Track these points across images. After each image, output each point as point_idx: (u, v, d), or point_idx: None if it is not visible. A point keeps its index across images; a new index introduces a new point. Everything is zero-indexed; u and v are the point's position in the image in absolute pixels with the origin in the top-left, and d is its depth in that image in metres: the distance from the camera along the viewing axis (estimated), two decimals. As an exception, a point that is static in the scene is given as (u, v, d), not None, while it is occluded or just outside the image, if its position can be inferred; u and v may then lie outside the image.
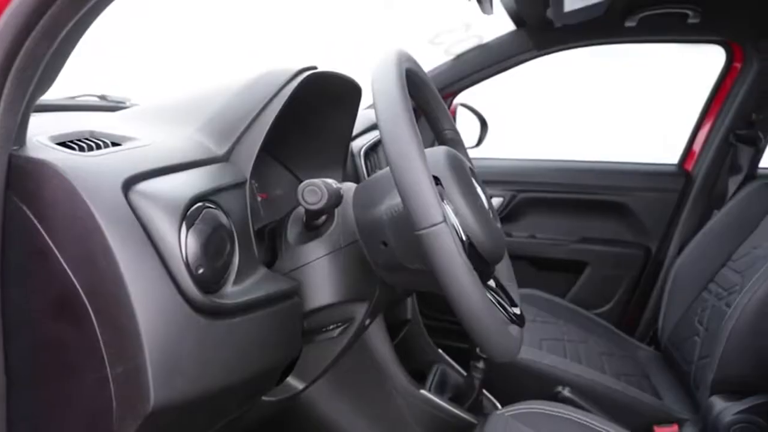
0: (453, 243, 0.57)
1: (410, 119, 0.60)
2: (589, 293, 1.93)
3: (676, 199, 1.87)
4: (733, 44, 1.77)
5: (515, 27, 1.79)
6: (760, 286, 1.20)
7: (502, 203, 1.94)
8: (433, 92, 0.88)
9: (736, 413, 1.21)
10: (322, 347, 0.80)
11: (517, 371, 1.34)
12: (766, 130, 1.77)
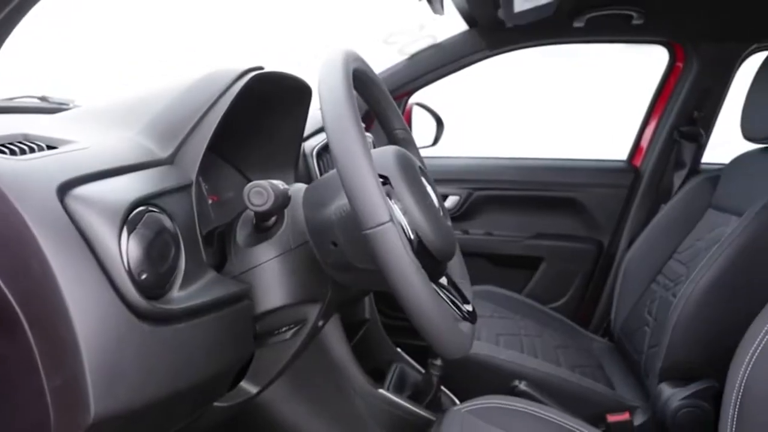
0: (400, 242, 0.57)
1: (356, 119, 0.60)
2: (544, 288, 1.97)
3: (626, 194, 1.93)
4: (675, 45, 1.84)
5: (468, 27, 1.82)
6: (702, 276, 1.25)
7: (459, 201, 1.97)
8: (383, 92, 0.89)
9: (682, 398, 1.26)
10: (275, 350, 0.79)
11: (474, 367, 1.35)
12: (707, 127, 1.85)
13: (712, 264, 1.25)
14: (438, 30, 1.82)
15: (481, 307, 1.67)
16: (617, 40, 1.85)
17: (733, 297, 1.21)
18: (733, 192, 1.48)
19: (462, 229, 2.00)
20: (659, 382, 1.33)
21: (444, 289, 0.77)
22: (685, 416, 1.26)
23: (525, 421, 1.02)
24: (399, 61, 1.85)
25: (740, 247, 1.21)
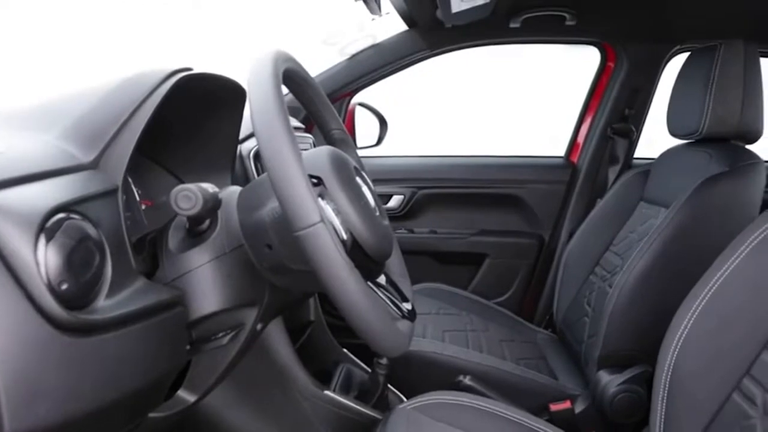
0: (331, 242, 0.57)
1: (284, 120, 0.60)
2: (489, 283, 2.01)
3: (564, 189, 1.99)
4: (606, 45, 1.92)
5: (407, 27, 1.83)
6: (634, 267, 1.31)
7: (403, 200, 1.98)
8: (318, 92, 0.88)
9: (619, 384, 1.31)
10: (212, 356, 0.78)
11: (420, 364, 1.37)
12: (638, 123, 1.93)
13: (643, 255, 1.30)
14: (378, 30, 1.83)
15: (427, 304, 1.69)
16: (552, 41, 1.91)
17: (662, 285, 1.27)
18: (661, 185, 1.54)
19: (407, 228, 2.02)
20: (598, 369, 1.38)
21: (382, 289, 0.77)
22: (622, 401, 1.31)
23: (469, 415, 1.03)
24: (340, 61, 1.85)
25: (667, 238, 1.27)
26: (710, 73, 1.36)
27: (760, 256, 0.90)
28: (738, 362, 0.90)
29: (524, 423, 1.04)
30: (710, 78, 1.36)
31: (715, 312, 0.93)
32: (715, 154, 1.37)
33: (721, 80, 1.35)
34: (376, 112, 2.03)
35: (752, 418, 0.85)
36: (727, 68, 1.35)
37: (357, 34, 1.80)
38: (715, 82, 1.35)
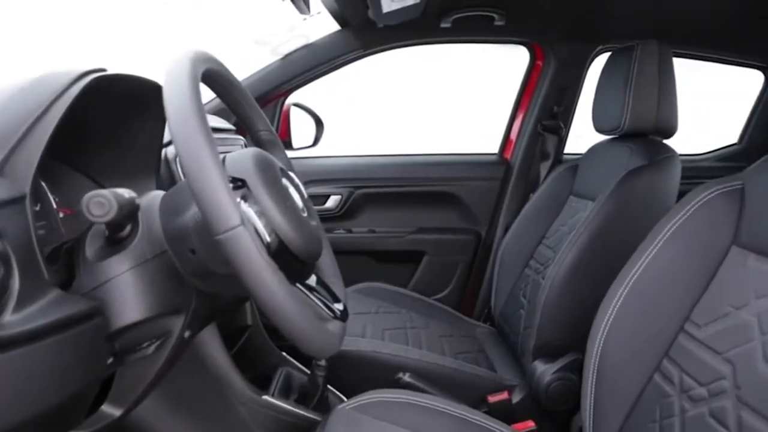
0: (253, 245, 0.56)
1: (201, 122, 0.58)
2: (428, 280, 2.04)
3: (499, 185, 2.04)
4: (534, 45, 1.97)
5: (340, 27, 1.83)
6: (565, 259, 1.35)
7: (340, 200, 1.97)
8: (243, 93, 0.86)
9: (553, 372, 1.36)
10: (137, 367, 0.75)
11: (360, 363, 1.37)
12: (566, 120, 2.00)
13: (572, 247, 1.35)
14: (310, 30, 1.81)
15: (367, 303, 1.69)
16: (482, 40, 1.94)
17: (591, 276, 1.32)
18: (588, 179, 1.61)
19: (345, 228, 2.01)
20: (533, 360, 1.42)
21: (312, 290, 0.77)
22: (556, 388, 1.36)
23: (407, 412, 1.04)
24: (272, 61, 1.82)
25: (594, 230, 1.33)
26: (629, 72, 1.42)
27: (675, 245, 0.95)
28: (658, 345, 0.95)
29: (462, 416, 1.06)
30: (629, 77, 1.42)
31: (637, 299, 0.97)
32: (636, 149, 1.44)
33: (638, 79, 1.41)
34: (311, 112, 2.01)
35: (671, 396, 0.90)
36: (643, 67, 1.41)
37: (289, 33, 1.78)
38: (633, 80, 1.42)
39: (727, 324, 0.86)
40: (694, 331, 0.91)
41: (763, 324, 0.80)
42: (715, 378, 0.83)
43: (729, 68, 2.13)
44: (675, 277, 0.95)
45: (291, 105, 1.96)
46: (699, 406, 0.84)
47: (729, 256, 0.91)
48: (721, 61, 2.07)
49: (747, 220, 0.90)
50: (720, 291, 0.90)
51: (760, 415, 0.74)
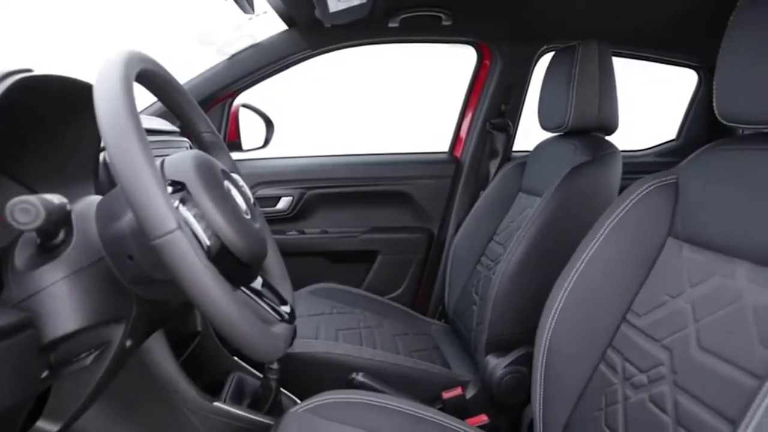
0: (190, 249, 0.54)
1: (134, 123, 0.56)
2: (382, 280, 2.04)
3: (450, 183, 2.06)
4: (482, 45, 2.00)
5: (287, 27, 1.81)
6: (514, 254, 1.38)
7: (292, 202, 1.96)
8: (184, 94, 0.84)
9: (505, 366, 1.38)
10: (75, 380, 0.71)
11: (313, 365, 1.36)
12: (514, 118, 2.04)
13: (520, 242, 1.37)
14: (257, 30, 1.79)
15: (321, 304, 1.68)
16: (430, 40, 1.96)
17: (538, 270, 1.35)
18: (535, 176, 1.64)
19: (297, 230, 2.00)
20: (486, 354, 1.44)
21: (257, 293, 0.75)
22: (508, 382, 1.38)
23: (360, 412, 1.04)
24: (219, 62, 1.79)
25: (540, 225, 1.36)
26: (571, 72, 1.46)
27: (616, 238, 0.98)
28: (602, 336, 0.98)
29: (415, 413, 1.06)
30: (571, 76, 1.46)
31: (582, 292, 1.00)
32: (580, 146, 1.47)
33: (580, 78, 1.45)
34: (261, 113, 1.99)
35: (614, 384, 0.93)
36: (584, 67, 1.46)
37: (235, 33, 1.75)
38: (576, 79, 1.46)
39: (664, 312, 0.89)
40: (635, 320, 0.94)
41: (696, 311, 0.83)
42: (654, 365, 0.86)
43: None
44: (616, 269, 0.98)
45: (239, 106, 1.93)
46: (640, 393, 0.87)
47: (666, 248, 0.95)
48: (658, 60, 2.15)
49: (681, 212, 0.94)
50: (658, 281, 0.94)
51: (694, 398, 0.77)
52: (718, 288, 0.82)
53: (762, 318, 0.72)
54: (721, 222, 0.85)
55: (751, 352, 0.71)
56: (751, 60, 0.80)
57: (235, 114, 1.92)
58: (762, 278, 0.75)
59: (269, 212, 1.97)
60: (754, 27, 0.81)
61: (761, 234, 0.77)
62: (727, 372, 0.73)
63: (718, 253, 0.84)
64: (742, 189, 0.83)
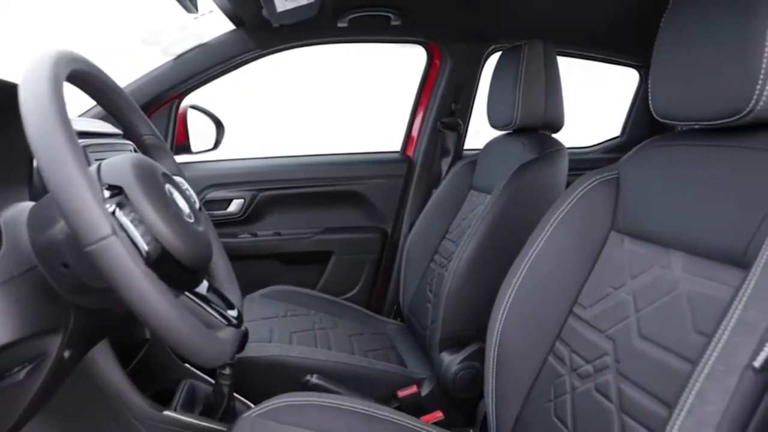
0: (126, 255, 0.52)
1: (62, 125, 0.54)
2: (337, 280, 2.03)
3: (402, 182, 2.07)
4: (431, 45, 2.02)
5: (235, 26, 1.78)
6: (465, 251, 1.39)
7: (243, 204, 1.92)
8: (122, 96, 0.81)
9: (459, 362, 1.40)
10: (7, 396, 0.68)
11: (267, 368, 1.34)
12: (464, 117, 2.06)
13: (471, 239, 1.39)
14: (204, 29, 1.75)
15: (275, 307, 1.67)
16: (379, 40, 1.97)
17: (489, 267, 1.37)
18: (485, 174, 1.67)
19: (250, 232, 1.97)
20: (440, 351, 1.45)
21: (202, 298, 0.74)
22: (463, 377, 1.40)
23: (314, 414, 1.03)
24: (164, 62, 1.74)
25: (490, 222, 1.38)
26: (518, 71, 1.49)
27: (562, 233, 1.01)
28: (551, 329, 1.00)
29: (370, 413, 1.06)
30: (518, 75, 1.49)
31: (530, 287, 1.02)
32: (528, 143, 1.51)
33: (526, 77, 1.48)
34: (210, 114, 1.95)
35: (563, 375, 0.95)
36: (530, 66, 1.49)
37: (180, 33, 1.71)
38: (522, 78, 1.49)
39: (608, 304, 0.92)
40: (581, 312, 0.97)
41: (637, 302, 0.86)
42: (600, 355, 0.89)
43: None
44: (563, 263, 1.01)
45: (188, 107, 1.88)
46: (586, 382, 0.90)
47: (609, 241, 0.98)
48: (602, 60, 2.21)
49: (622, 207, 0.97)
50: (602, 274, 0.96)
51: (635, 385, 0.80)
52: (656, 279, 0.85)
53: (695, 306, 0.75)
54: (658, 215, 0.88)
55: (686, 338, 0.74)
56: (682, 59, 0.84)
57: (183, 116, 1.88)
58: (696, 268, 0.78)
59: (220, 215, 1.93)
60: (683, 27, 0.84)
61: (694, 226, 0.80)
62: (665, 358, 0.76)
63: (656, 245, 0.87)
64: (676, 183, 0.86)
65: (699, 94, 0.81)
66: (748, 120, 0.75)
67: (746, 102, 0.73)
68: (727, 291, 0.70)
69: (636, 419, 0.78)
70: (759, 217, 0.70)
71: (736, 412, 0.59)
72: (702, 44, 0.80)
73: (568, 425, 0.91)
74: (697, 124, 0.84)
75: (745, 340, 0.61)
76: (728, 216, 0.75)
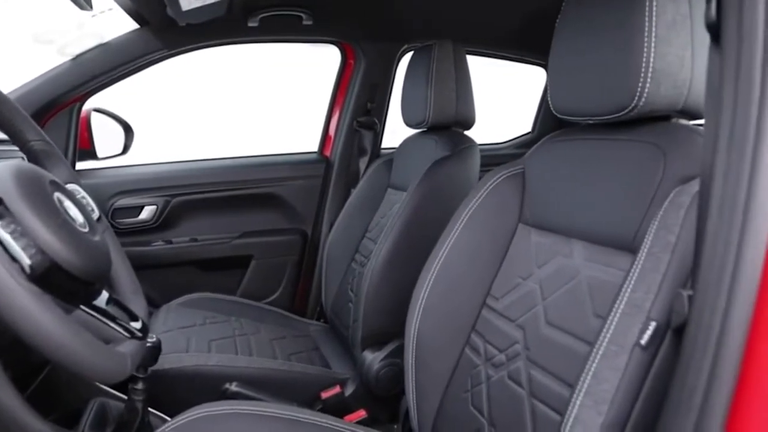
0: (3, 271, 0.49)
1: None
2: (258, 284, 1.99)
3: (321, 183, 2.06)
4: (345, 44, 2.02)
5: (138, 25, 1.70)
6: (382, 249, 1.41)
7: (156, 211, 1.84)
8: (4, 102, 0.76)
9: (381, 360, 1.41)
10: None
11: (184, 380, 1.29)
12: (380, 116, 2.08)
13: (387, 237, 1.41)
14: (105, 28, 1.66)
15: (192, 315, 1.61)
16: (291, 40, 1.94)
17: (406, 264, 1.39)
18: (402, 172, 1.69)
19: (164, 240, 1.89)
20: (362, 350, 1.46)
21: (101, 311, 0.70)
22: (385, 375, 1.41)
23: (233, 422, 1.01)
24: (61, 63, 1.64)
25: (405, 219, 1.40)
26: (428, 70, 1.52)
27: (473, 227, 1.04)
28: (466, 321, 1.03)
29: (291, 417, 1.05)
30: (429, 74, 1.52)
31: (445, 281, 1.04)
32: (440, 141, 1.54)
33: (437, 75, 1.52)
34: (117, 118, 1.85)
35: (478, 366, 0.98)
36: (441, 65, 1.52)
37: (77, 32, 1.61)
38: (433, 77, 1.52)
39: (518, 294, 0.96)
40: (494, 303, 1.00)
41: (544, 290, 0.90)
42: (511, 343, 0.93)
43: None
44: (475, 256, 1.04)
45: (91, 111, 1.78)
46: (500, 371, 0.93)
47: (517, 233, 1.02)
48: (511, 59, 2.30)
49: (528, 200, 1.01)
50: (511, 265, 1.00)
51: (543, 369, 0.83)
52: (560, 267, 0.89)
53: (594, 291, 0.79)
54: (559, 206, 0.93)
55: (586, 322, 0.78)
56: (574, 59, 0.88)
57: (87, 119, 1.77)
58: (594, 255, 0.83)
59: (131, 223, 1.84)
60: (575, 29, 0.89)
61: (591, 215, 0.85)
62: (568, 343, 0.80)
63: (559, 235, 0.92)
64: (574, 175, 0.91)
65: (590, 91, 0.86)
66: (633, 115, 0.80)
67: (631, 98, 0.78)
68: (620, 275, 0.75)
69: (544, 402, 0.81)
70: (645, 204, 0.75)
71: (627, 387, 0.63)
72: (591, 44, 0.85)
73: (485, 414, 0.94)
74: (590, 119, 0.89)
75: (633, 321, 0.66)
76: (619, 205, 0.80)
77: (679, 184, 0.72)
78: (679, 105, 0.79)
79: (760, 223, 0.43)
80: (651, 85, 0.76)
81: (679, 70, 0.77)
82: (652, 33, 0.76)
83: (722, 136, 0.47)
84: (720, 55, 0.49)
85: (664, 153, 0.76)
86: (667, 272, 0.65)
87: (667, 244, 0.67)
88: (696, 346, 0.47)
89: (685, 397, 0.48)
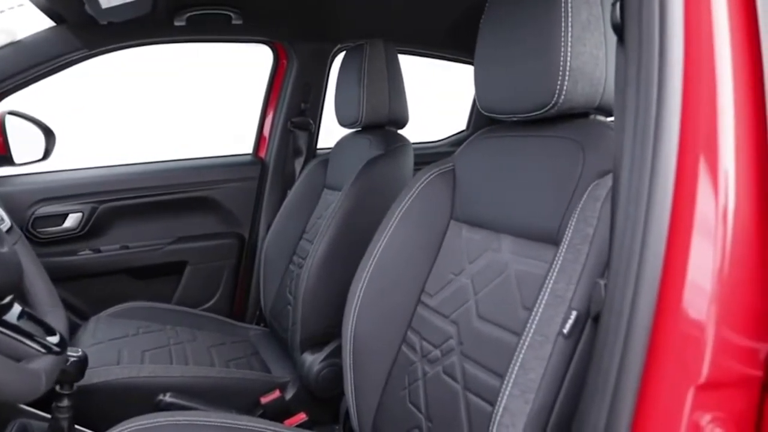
0: None
1: None
2: (194, 291, 1.94)
3: (256, 185, 2.02)
4: (277, 44, 2.00)
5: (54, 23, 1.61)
6: (318, 249, 1.40)
7: (82, 218, 1.76)
8: None
9: (320, 362, 1.40)
10: None
11: (114, 393, 1.24)
12: (315, 116, 2.07)
13: (323, 238, 1.40)
14: (17, 26, 1.56)
15: (124, 326, 1.55)
16: (221, 40, 1.90)
17: (342, 264, 1.38)
18: (337, 172, 1.69)
19: (92, 248, 1.80)
20: (302, 353, 1.44)
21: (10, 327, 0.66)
22: (325, 376, 1.40)
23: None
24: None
25: (340, 220, 1.40)
26: (361, 69, 1.52)
27: (406, 225, 1.05)
28: (402, 319, 1.04)
29: (229, 425, 1.03)
30: (361, 73, 1.52)
31: (380, 280, 1.05)
32: (374, 140, 1.55)
33: (369, 75, 1.52)
34: (36, 121, 1.75)
35: (415, 362, 0.99)
36: (373, 64, 1.53)
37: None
38: (366, 76, 1.52)
39: (451, 289, 0.97)
40: (428, 300, 1.01)
41: (475, 285, 0.92)
42: (446, 339, 0.94)
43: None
44: (409, 254, 1.05)
45: (5, 114, 1.67)
46: (435, 366, 0.94)
47: (449, 230, 1.04)
48: (446, 58, 2.33)
49: (459, 196, 1.03)
50: (444, 261, 1.02)
51: (476, 363, 0.85)
52: (490, 262, 0.91)
53: (521, 284, 0.82)
54: (488, 202, 0.95)
55: (515, 314, 0.80)
56: (498, 58, 0.91)
57: (0, 123, 1.67)
58: (521, 249, 0.86)
59: (55, 232, 1.75)
60: (497, 29, 0.91)
61: (518, 210, 0.88)
62: (499, 335, 0.82)
63: (488, 231, 0.94)
64: (501, 171, 0.93)
65: (513, 89, 0.88)
66: (554, 112, 0.83)
67: (551, 96, 0.81)
68: (545, 268, 0.77)
69: (478, 395, 0.83)
70: (567, 198, 0.78)
71: (552, 375, 0.65)
72: (513, 44, 0.88)
73: (422, 410, 0.95)
74: (514, 117, 0.92)
75: (556, 311, 0.68)
76: (543, 199, 0.83)
77: (597, 178, 0.75)
78: (596, 102, 0.83)
79: (661, 214, 0.46)
80: (569, 83, 0.79)
81: (594, 68, 0.80)
82: (568, 33, 0.79)
83: (627, 133, 0.50)
84: (624, 55, 0.52)
85: (582, 148, 0.79)
86: (586, 263, 0.68)
87: (586, 236, 0.70)
88: (609, 331, 0.50)
89: (600, 381, 0.50)
